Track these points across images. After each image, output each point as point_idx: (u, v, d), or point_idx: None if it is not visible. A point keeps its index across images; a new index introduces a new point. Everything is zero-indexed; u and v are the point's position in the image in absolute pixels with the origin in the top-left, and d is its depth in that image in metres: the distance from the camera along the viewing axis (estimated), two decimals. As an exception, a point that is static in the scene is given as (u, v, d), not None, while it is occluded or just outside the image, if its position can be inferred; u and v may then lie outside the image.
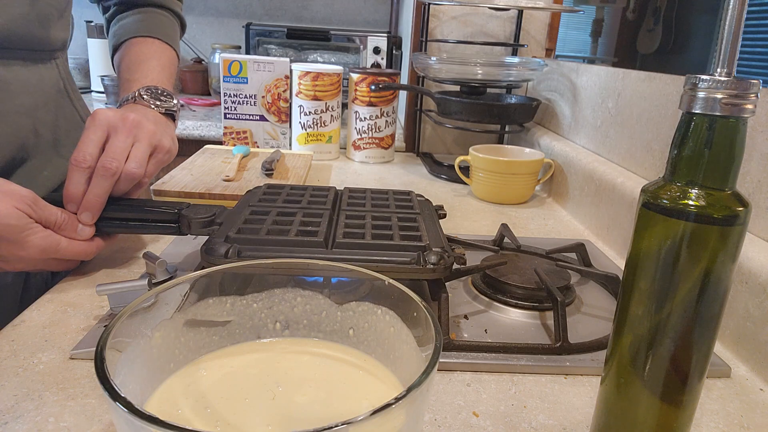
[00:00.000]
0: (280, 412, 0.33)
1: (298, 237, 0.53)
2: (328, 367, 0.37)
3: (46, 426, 0.39)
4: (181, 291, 0.36)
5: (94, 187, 0.57)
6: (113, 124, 0.59)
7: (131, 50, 0.79)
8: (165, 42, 0.83)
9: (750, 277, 0.52)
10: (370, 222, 0.58)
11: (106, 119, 0.59)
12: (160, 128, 0.66)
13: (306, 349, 0.39)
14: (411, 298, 0.34)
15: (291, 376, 0.36)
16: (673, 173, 0.32)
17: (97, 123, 0.59)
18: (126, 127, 0.60)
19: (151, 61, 0.78)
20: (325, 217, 0.58)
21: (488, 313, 0.57)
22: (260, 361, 0.38)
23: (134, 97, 0.70)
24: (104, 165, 0.57)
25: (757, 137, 0.57)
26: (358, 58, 1.75)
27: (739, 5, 0.30)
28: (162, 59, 0.79)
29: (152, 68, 0.76)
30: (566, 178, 0.97)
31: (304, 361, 0.38)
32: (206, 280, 0.37)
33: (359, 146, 1.22)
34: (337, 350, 0.39)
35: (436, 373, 0.28)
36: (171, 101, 0.73)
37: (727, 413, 0.45)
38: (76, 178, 0.56)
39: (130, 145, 0.60)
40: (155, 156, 0.63)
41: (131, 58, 0.78)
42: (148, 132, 0.62)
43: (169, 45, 0.83)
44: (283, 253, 0.51)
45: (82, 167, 0.56)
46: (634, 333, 0.34)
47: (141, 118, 0.62)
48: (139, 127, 0.62)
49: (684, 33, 0.95)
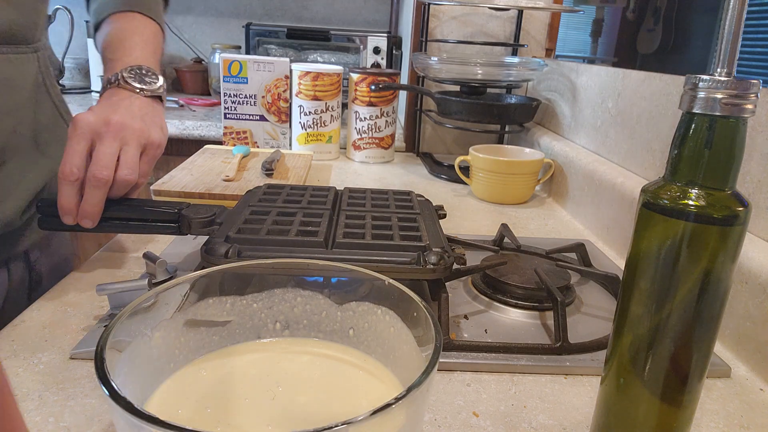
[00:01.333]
0: (280, 412, 0.33)
1: (298, 237, 0.53)
2: (328, 367, 0.37)
3: (46, 426, 0.39)
4: (181, 291, 0.36)
5: (89, 197, 0.55)
6: (97, 129, 0.57)
7: (112, 27, 0.74)
8: (146, 15, 0.77)
9: (750, 277, 0.52)
10: (370, 222, 0.58)
11: (89, 126, 0.56)
12: (147, 122, 0.62)
13: (306, 349, 0.39)
14: (411, 298, 0.34)
15: (291, 376, 0.36)
16: (673, 173, 0.32)
17: (79, 131, 0.56)
18: (111, 131, 0.57)
19: (134, 37, 0.73)
20: (325, 218, 0.58)
21: (488, 313, 0.57)
22: (260, 361, 0.38)
23: (117, 80, 0.66)
24: (95, 175, 0.54)
25: (757, 137, 0.57)
26: (358, 58, 1.75)
27: (739, 5, 0.30)
28: (144, 34, 0.74)
29: (135, 45, 0.71)
30: (566, 178, 0.97)
31: (304, 361, 0.38)
32: (206, 280, 0.37)
33: (359, 146, 1.22)
34: (337, 350, 0.39)
35: (436, 373, 0.28)
36: (156, 82, 0.68)
37: (727, 413, 0.45)
38: (66, 192, 0.54)
39: (117, 150, 0.57)
40: (147, 154, 0.61)
41: (112, 36, 0.73)
42: (135, 132, 0.59)
43: (151, 18, 0.78)
44: (283, 253, 0.51)
45: (71, 180, 0.54)
46: (634, 333, 0.34)
47: (125, 118, 0.59)
48: (125, 129, 0.59)
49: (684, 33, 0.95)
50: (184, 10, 2.02)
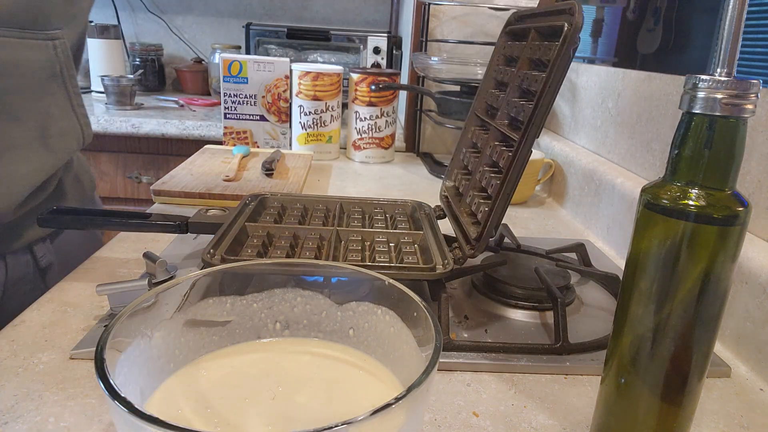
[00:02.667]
0: (280, 412, 0.33)
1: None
2: (328, 367, 0.37)
3: (46, 426, 0.39)
4: (181, 291, 0.36)
5: None
6: None
7: None
8: None
9: (750, 277, 0.52)
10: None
11: None
12: None
13: (306, 349, 0.39)
14: (411, 298, 0.34)
15: (291, 376, 0.36)
16: (674, 173, 0.32)
17: None
18: None
19: None
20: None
21: (488, 313, 0.57)
22: (260, 361, 0.38)
23: None
24: None
25: (757, 137, 0.57)
26: (358, 58, 1.75)
27: (739, 5, 0.30)
28: None
29: None
30: (566, 178, 0.97)
31: (304, 361, 0.38)
32: (206, 280, 0.37)
33: (359, 146, 1.22)
34: (337, 350, 0.39)
35: (436, 373, 0.28)
36: None
37: (727, 413, 0.45)
38: None
39: None
40: None
41: None
42: None
43: None
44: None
45: None
46: (634, 333, 0.34)
47: None
48: None
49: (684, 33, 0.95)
50: (184, 10, 2.02)
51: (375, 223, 0.66)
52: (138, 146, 1.50)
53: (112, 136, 1.45)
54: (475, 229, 0.55)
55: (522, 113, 0.52)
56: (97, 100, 1.67)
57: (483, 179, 0.58)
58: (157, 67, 1.94)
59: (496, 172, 0.56)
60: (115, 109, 1.54)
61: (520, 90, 0.57)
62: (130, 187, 1.53)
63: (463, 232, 0.57)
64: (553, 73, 0.47)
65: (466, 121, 0.70)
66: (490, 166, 0.59)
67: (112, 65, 1.75)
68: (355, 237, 0.60)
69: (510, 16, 0.68)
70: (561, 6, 0.50)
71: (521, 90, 0.57)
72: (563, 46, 0.46)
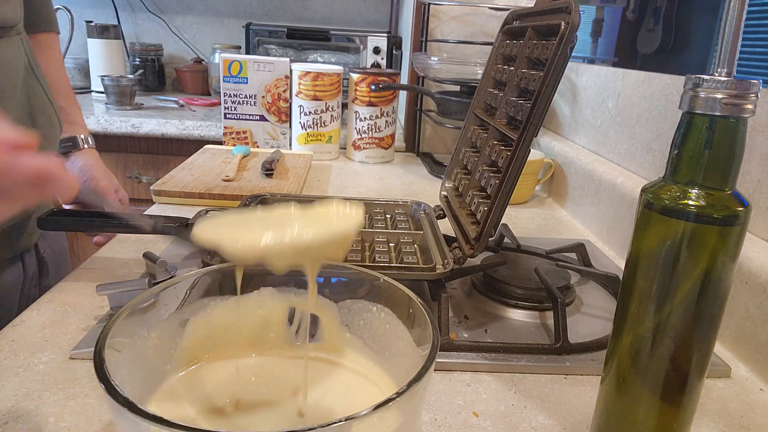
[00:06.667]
0: (280, 412, 0.33)
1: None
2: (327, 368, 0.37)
3: (46, 426, 0.39)
4: (180, 291, 0.36)
5: None
6: None
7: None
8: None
9: (750, 277, 0.52)
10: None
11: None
12: None
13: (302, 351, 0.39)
14: (406, 294, 0.34)
15: (291, 376, 0.36)
16: (674, 173, 0.32)
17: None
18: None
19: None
20: None
21: (488, 313, 0.57)
22: (260, 361, 0.38)
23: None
24: None
25: (757, 137, 0.57)
26: (358, 58, 1.75)
27: (739, 5, 0.30)
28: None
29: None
30: (566, 178, 0.97)
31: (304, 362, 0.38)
32: (206, 280, 0.37)
33: (359, 146, 1.22)
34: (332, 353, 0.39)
35: (433, 369, 0.28)
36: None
37: (727, 413, 0.45)
38: None
39: None
40: None
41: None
42: None
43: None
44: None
45: None
46: (634, 333, 0.34)
47: None
48: None
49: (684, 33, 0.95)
50: (184, 10, 2.02)
51: (375, 223, 0.66)
52: (138, 146, 1.49)
53: (112, 136, 1.45)
54: (475, 229, 0.55)
55: (520, 112, 0.52)
56: (97, 100, 1.67)
57: (482, 179, 0.58)
58: (157, 67, 1.94)
59: (495, 172, 0.56)
60: (115, 109, 1.54)
61: (518, 89, 0.57)
62: (130, 187, 1.53)
63: (462, 232, 0.57)
64: (551, 72, 0.47)
65: (465, 121, 0.70)
66: (489, 165, 0.59)
67: (112, 65, 1.75)
68: (355, 237, 0.60)
69: (507, 15, 0.68)
70: (558, 5, 0.50)
71: (519, 89, 0.57)
72: (560, 45, 0.47)
